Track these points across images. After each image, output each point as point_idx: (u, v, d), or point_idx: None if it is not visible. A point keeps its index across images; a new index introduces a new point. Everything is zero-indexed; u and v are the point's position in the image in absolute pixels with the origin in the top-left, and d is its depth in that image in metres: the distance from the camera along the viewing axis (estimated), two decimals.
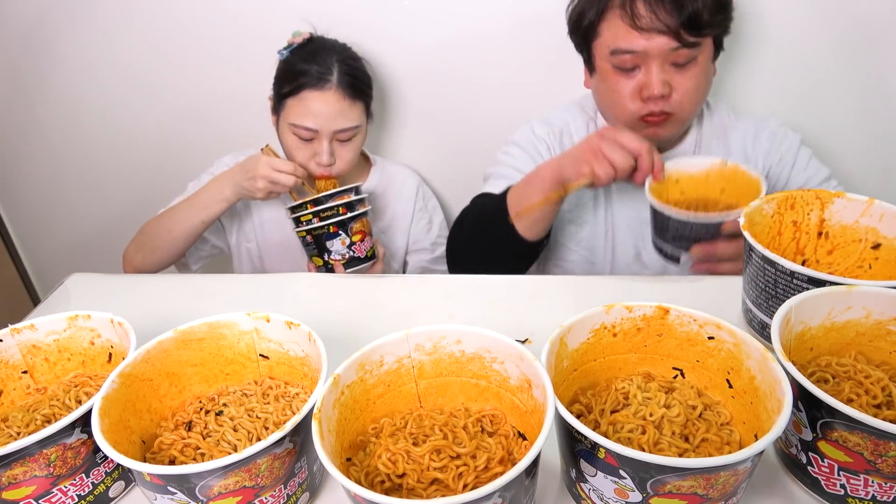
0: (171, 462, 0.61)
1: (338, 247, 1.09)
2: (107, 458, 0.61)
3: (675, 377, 0.66)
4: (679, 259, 0.95)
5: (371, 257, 1.13)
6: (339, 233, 1.08)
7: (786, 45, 1.23)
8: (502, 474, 0.46)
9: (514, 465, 0.47)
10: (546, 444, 0.49)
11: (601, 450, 0.50)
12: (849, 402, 0.59)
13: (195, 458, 0.61)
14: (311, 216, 1.07)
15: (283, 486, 0.56)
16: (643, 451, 0.52)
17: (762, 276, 0.74)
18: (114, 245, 1.33)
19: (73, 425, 0.58)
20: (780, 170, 1.13)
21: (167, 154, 1.54)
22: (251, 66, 1.31)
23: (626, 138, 0.92)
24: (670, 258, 0.97)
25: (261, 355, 0.70)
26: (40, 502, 0.59)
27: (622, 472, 0.51)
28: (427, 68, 1.35)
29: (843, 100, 1.28)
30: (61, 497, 0.60)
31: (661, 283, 0.97)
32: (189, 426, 0.64)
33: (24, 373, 0.73)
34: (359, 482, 0.53)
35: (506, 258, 1.03)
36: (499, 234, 1.02)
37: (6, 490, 0.57)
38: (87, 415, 0.57)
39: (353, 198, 1.08)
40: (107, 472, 0.62)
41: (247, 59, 1.36)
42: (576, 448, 0.54)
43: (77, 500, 0.61)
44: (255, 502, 0.55)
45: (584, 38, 1.06)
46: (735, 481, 0.51)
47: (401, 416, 0.63)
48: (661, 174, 0.95)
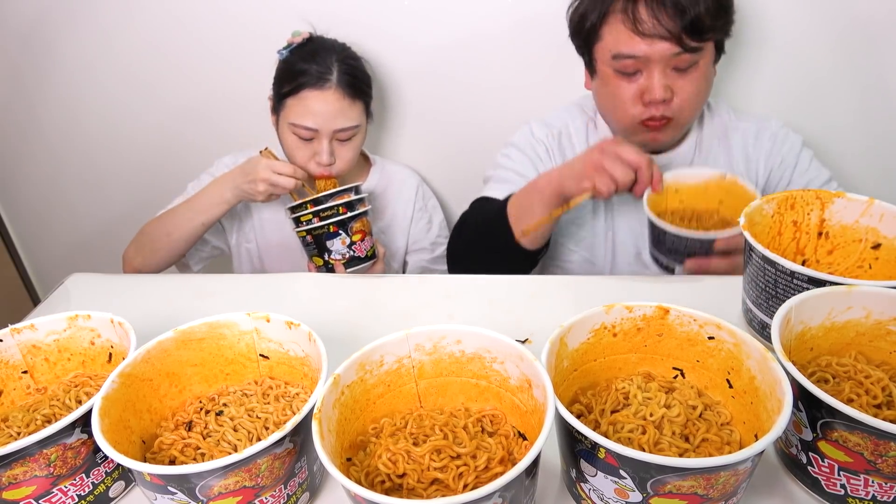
0: (172, 462, 0.61)
1: (338, 246, 1.09)
2: (107, 458, 0.61)
3: (675, 377, 0.66)
4: (674, 270, 0.97)
5: (371, 257, 1.13)
6: (340, 232, 1.08)
7: (786, 46, 1.23)
8: (502, 474, 0.46)
9: (514, 465, 0.47)
10: (546, 444, 0.49)
11: (601, 450, 0.50)
12: (849, 402, 0.59)
13: (195, 458, 0.61)
14: (310, 216, 1.07)
15: (283, 486, 0.56)
16: (643, 451, 0.52)
17: (762, 276, 0.74)
18: (114, 245, 1.33)
19: (73, 425, 0.58)
20: (781, 172, 1.13)
21: (167, 154, 1.54)
22: (251, 66, 1.31)
23: (627, 152, 0.92)
24: (665, 269, 0.99)
25: (261, 355, 0.70)
26: (40, 502, 0.59)
27: (622, 472, 0.51)
28: (427, 68, 1.35)
29: (843, 100, 1.28)
30: (61, 497, 0.60)
31: (661, 283, 0.97)
32: (189, 426, 0.64)
33: (24, 373, 0.73)
34: (359, 482, 0.53)
35: (506, 264, 1.04)
36: (499, 243, 1.03)
37: (6, 490, 0.57)
38: (87, 415, 0.57)
39: (352, 197, 1.08)
40: (107, 472, 0.62)
41: (247, 59, 1.36)
42: (576, 448, 0.54)
43: (77, 500, 0.61)
44: (256, 502, 0.55)
45: (585, 42, 1.06)
46: (735, 481, 0.51)
47: (401, 416, 0.63)
48: (660, 185, 0.96)
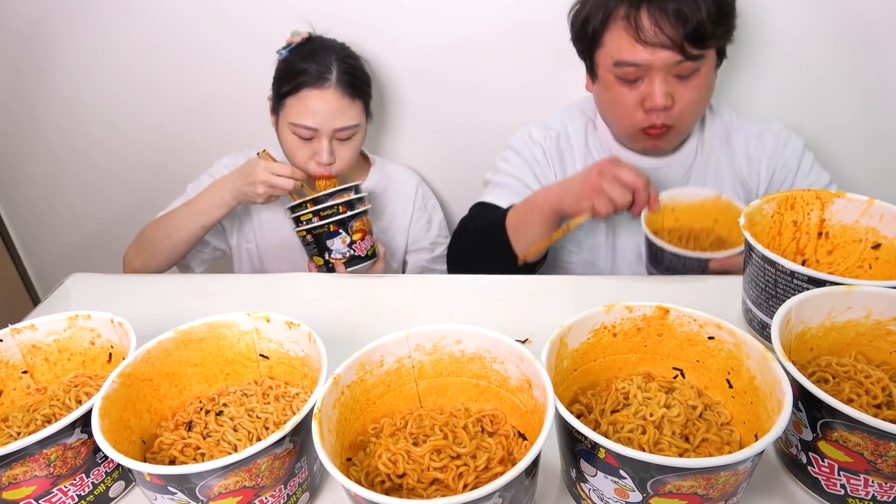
0: (172, 462, 0.61)
1: (338, 245, 1.09)
2: (107, 458, 0.61)
3: (675, 377, 0.66)
4: None
5: (372, 256, 1.13)
6: (340, 231, 1.08)
7: (786, 46, 1.23)
8: (502, 474, 0.46)
9: (514, 465, 0.47)
10: (546, 444, 0.49)
11: (601, 450, 0.50)
12: (849, 402, 0.59)
13: (195, 458, 0.61)
14: (311, 215, 1.07)
15: (283, 486, 0.56)
16: (643, 451, 0.52)
17: (762, 276, 0.74)
18: (114, 245, 1.33)
19: (73, 425, 0.58)
20: (783, 175, 1.14)
21: (167, 154, 1.54)
22: (251, 66, 1.31)
23: (625, 174, 0.93)
24: None
25: (261, 355, 0.70)
26: (40, 502, 0.59)
27: (622, 472, 0.51)
28: (427, 69, 1.35)
29: (843, 100, 1.28)
30: (61, 497, 0.60)
31: (661, 283, 0.97)
32: (189, 426, 0.64)
33: (24, 373, 0.73)
34: (359, 482, 0.53)
35: (505, 271, 1.05)
36: (498, 254, 1.05)
37: (6, 490, 0.57)
38: (87, 415, 0.57)
39: (352, 196, 1.08)
40: (107, 472, 0.62)
41: (247, 59, 1.36)
42: (576, 448, 0.54)
43: (77, 500, 0.61)
44: (256, 502, 0.55)
45: (587, 47, 1.06)
46: (735, 481, 0.51)
47: (401, 416, 0.63)
48: (657, 205, 0.98)
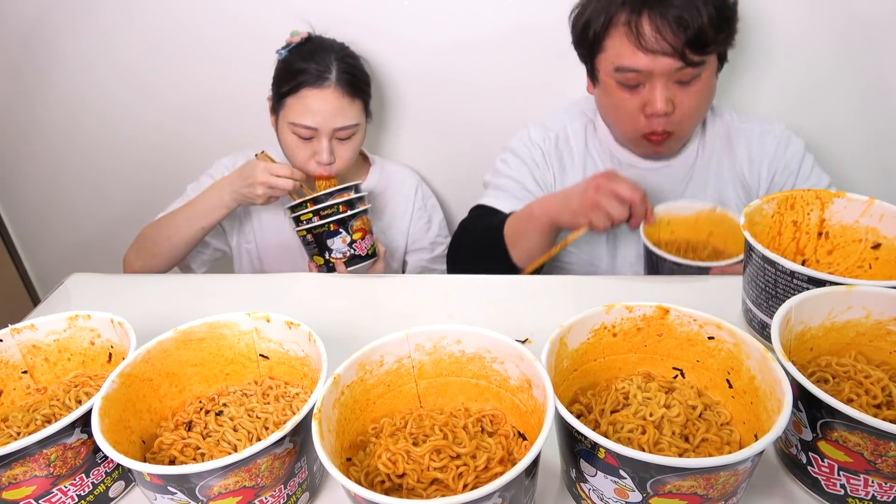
0: (171, 462, 0.61)
1: (339, 245, 1.09)
2: (107, 458, 0.61)
3: (675, 377, 0.66)
4: None
5: (372, 255, 1.13)
6: (340, 231, 1.08)
7: (786, 46, 1.23)
8: (502, 474, 0.46)
9: (514, 465, 0.47)
10: (546, 444, 0.49)
11: (601, 450, 0.50)
12: (849, 402, 0.59)
13: (195, 458, 0.61)
14: (311, 215, 1.07)
15: (283, 486, 0.56)
16: (643, 451, 0.52)
17: (762, 276, 0.74)
18: (114, 245, 1.33)
19: (73, 425, 0.58)
20: (784, 178, 1.14)
21: (167, 154, 1.54)
22: (251, 66, 1.31)
23: (622, 188, 0.94)
24: None
25: (261, 355, 0.70)
26: (40, 502, 0.59)
27: (622, 472, 0.51)
28: (426, 69, 1.35)
29: (843, 100, 1.27)
30: (61, 497, 0.60)
31: (661, 283, 0.97)
32: (189, 426, 0.64)
33: (24, 373, 0.73)
34: (359, 482, 0.53)
35: (505, 273, 1.06)
36: (497, 260, 1.07)
37: (6, 490, 0.57)
38: (87, 415, 0.57)
39: (352, 196, 1.08)
40: (107, 472, 0.62)
41: (247, 59, 1.36)
42: (576, 448, 0.54)
43: (77, 500, 0.61)
44: (255, 502, 0.55)
45: (588, 51, 1.06)
46: (735, 481, 0.51)
47: (401, 416, 0.63)
48: (653, 218, 0.99)
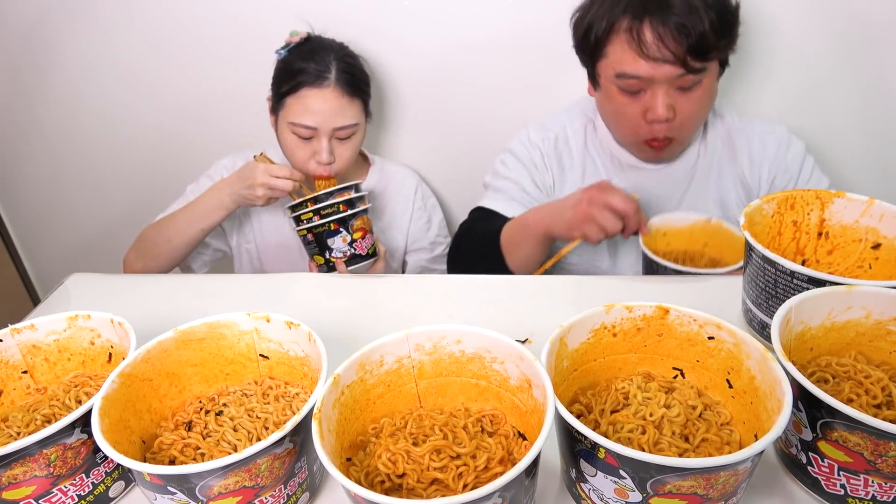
0: (171, 462, 0.61)
1: (339, 244, 1.09)
2: (107, 458, 0.61)
3: (675, 377, 0.66)
4: None
5: (372, 255, 1.13)
6: (340, 230, 1.08)
7: (786, 46, 1.23)
8: (502, 474, 0.46)
9: (514, 465, 0.47)
10: (546, 444, 0.49)
11: (601, 450, 0.50)
12: (849, 402, 0.59)
13: (195, 458, 0.61)
14: (311, 214, 1.07)
15: (283, 486, 0.56)
16: (643, 451, 0.52)
17: (762, 276, 0.74)
18: (114, 245, 1.33)
19: (73, 425, 0.58)
20: (785, 180, 1.14)
21: (167, 154, 1.54)
22: (251, 66, 1.31)
23: (615, 200, 0.94)
24: None
25: (261, 355, 0.70)
26: (40, 502, 0.59)
27: (622, 472, 0.51)
28: (426, 69, 1.35)
29: (843, 100, 1.27)
30: (61, 497, 0.60)
31: (661, 283, 0.97)
32: (189, 426, 0.64)
33: (24, 373, 0.73)
34: (359, 482, 0.53)
35: (506, 273, 1.07)
36: (495, 265, 1.08)
37: (6, 490, 0.57)
38: (87, 415, 0.57)
39: (353, 195, 1.08)
40: (107, 472, 0.62)
41: (247, 59, 1.36)
42: (576, 448, 0.54)
43: (77, 500, 0.61)
44: (255, 502, 0.55)
45: (589, 56, 1.06)
46: (735, 481, 0.51)
47: (401, 416, 0.63)
48: (647, 228, 1.00)
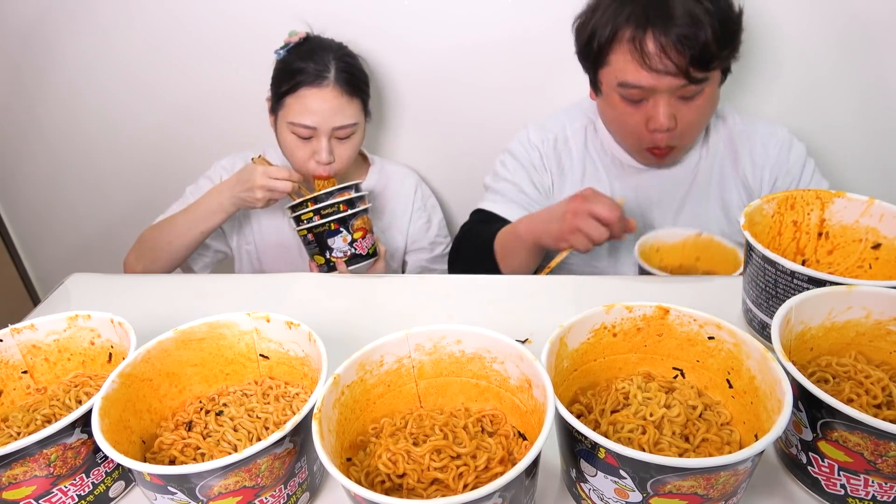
0: (172, 462, 0.61)
1: (339, 244, 1.09)
2: (107, 458, 0.61)
3: (675, 377, 0.66)
4: None
5: (373, 254, 1.13)
6: (341, 230, 1.08)
7: (786, 46, 1.23)
8: (502, 474, 0.46)
9: (514, 465, 0.47)
10: (546, 444, 0.49)
11: (601, 450, 0.50)
12: (849, 402, 0.59)
13: (195, 458, 0.61)
14: (311, 214, 1.07)
15: (283, 486, 0.56)
16: (643, 451, 0.52)
17: (762, 276, 0.74)
18: (114, 245, 1.33)
19: (73, 425, 0.58)
20: (787, 183, 1.14)
21: (167, 154, 1.54)
22: (251, 66, 1.32)
23: (599, 209, 0.94)
24: None
25: (261, 355, 0.70)
26: (40, 502, 0.59)
27: (622, 472, 0.51)
28: (426, 69, 1.35)
29: (843, 100, 1.27)
30: (61, 497, 0.60)
31: (661, 283, 0.97)
32: (189, 426, 0.64)
33: (24, 373, 0.73)
34: (359, 482, 0.53)
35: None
36: (493, 271, 1.10)
37: (6, 490, 0.57)
38: (87, 415, 0.57)
39: (353, 195, 1.08)
40: (107, 472, 0.62)
41: (246, 59, 1.36)
42: (576, 448, 0.54)
43: (77, 500, 0.61)
44: (256, 502, 0.55)
45: (592, 64, 1.06)
46: (735, 481, 0.51)
47: (401, 416, 0.63)
48: (634, 228, 0.99)
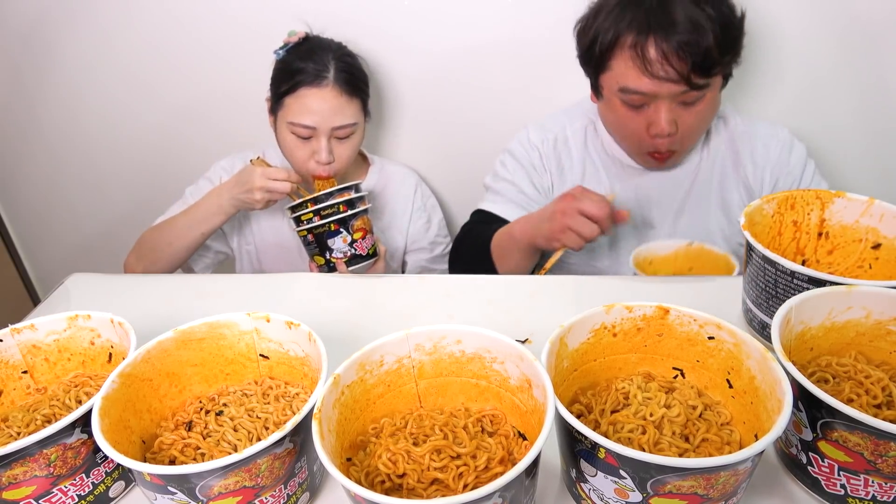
0: (172, 462, 0.61)
1: (339, 245, 1.09)
2: (107, 458, 0.61)
3: (675, 377, 0.66)
4: None
5: (373, 255, 1.12)
6: (341, 230, 1.08)
7: (786, 46, 1.23)
8: (502, 474, 0.46)
9: (514, 465, 0.47)
10: (546, 444, 0.49)
11: (601, 450, 0.50)
12: (849, 402, 0.59)
13: (195, 458, 0.61)
14: (311, 215, 1.07)
15: (283, 486, 0.56)
16: (643, 451, 0.52)
17: (762, 276, 0.74)
18: (114, 245, 1.33)
19: (73, 425, 0.58)
20: (788, 183, 1.14)
21: (167, 154, 1.54)
22: (251, 66, 1.31)
23: (587, 206, 0.95)
24: None
25: (261, 355, 0.70)
26: (40, 502, 0.59)
27: (622, 472, 0.51)
28: (426, 69, 1.35)
29: (843, 100, 1.27)
30: (61, 497, 0.60)
31: (661, 283, 0.97)
32: (189, 426, 0.64)
33: (24, 373, 0.73)
34: (359, 482, 0.53)
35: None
36: (492, 272, 1.10)
37: (6, 490, 0.57)
38: (87, 415, 0.57)
39: (353, 195, 1.08)
40: (107, 472, 0.62)
41: (246, 59, 1.36)
42: (576, 448, 0.54)
43: (77, 500, 0.61)
44: (255, 502, 0.55)
45: (594, 68, 1.06)
46: (735, 481, 0.51)
47: (401, 416, 0.63)
48: (627, 217, 1.00)
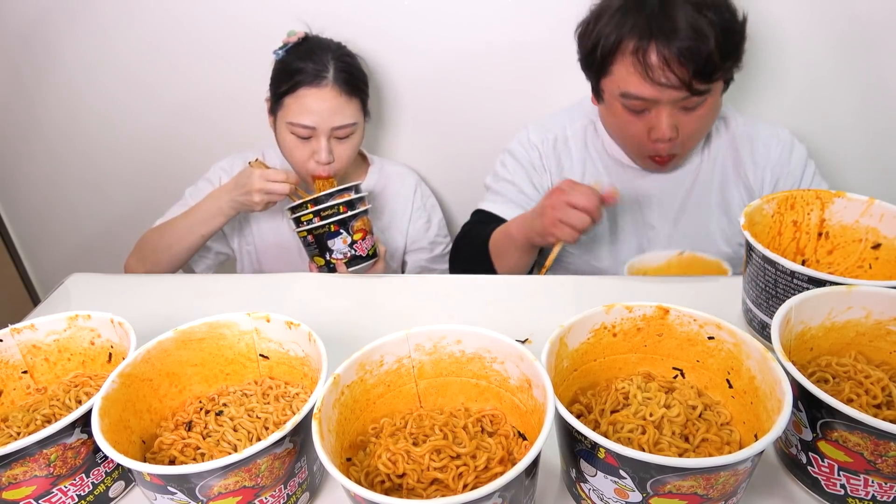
0: (171, 462, 0.61)
1: (339, 245, 1.09)
2: (107, 458, 0.62)
3: (675, 377, 0.66)
4: None
5: (373, 255, 1.12)
6: (341, 231, 1.08)
7: (786, 46, 1.23)
8: (502, 474, 0.46)
9: (514, 465, 0.47)
10: (546, 444, 0.49)
11: (601, 450, 0.51)
12: (849, 402, 0.59)
13: (195, 458, 0.61)
14: (311, 216, 1.07)
15: (283, 486, 0.56)
16: (643, 451, 0.52)
17: (762, 276, 0.74)
18: (114, 245, 1.33)
19: (73, 425, 0.58)
20: (788, 184, 1.14)
21: (167, 154, 1.54)
22: (251, 66, 1.31)
23: (577, 198, 0.95)
24: None
25: (261, 355, 0.70)
26: (40, 502, 0.59)
27: (622, 472, 0.51)
28: (426, 69, 1.35)
29: (843, 100, 1.27)
30: (61, 497, 0.60)
31: (661, 283, 0.97)
32: (189, 426, 0.64)
33: (24, 373, 0.73)
34: (359, 482, 0.53)
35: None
36: (491, 271, 1.10)
37: (6, 490, 0.57)
38: (87, 415, 0.57)
39: (353, 196, 1.08)
40: (107, 472, 0.62)
41: (246, 59, 1.36)
42: (576, 448, 0.54)
43: (77, 500, 0.61)
44: (255, 502, 0.55)
45: (595, 73, 1.06)
46: (735, 481, 0.51)
47: (401, 416, 0.63)
48: (616, 195, 0.99)
